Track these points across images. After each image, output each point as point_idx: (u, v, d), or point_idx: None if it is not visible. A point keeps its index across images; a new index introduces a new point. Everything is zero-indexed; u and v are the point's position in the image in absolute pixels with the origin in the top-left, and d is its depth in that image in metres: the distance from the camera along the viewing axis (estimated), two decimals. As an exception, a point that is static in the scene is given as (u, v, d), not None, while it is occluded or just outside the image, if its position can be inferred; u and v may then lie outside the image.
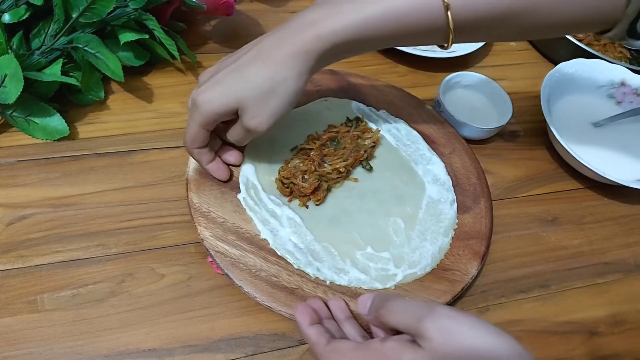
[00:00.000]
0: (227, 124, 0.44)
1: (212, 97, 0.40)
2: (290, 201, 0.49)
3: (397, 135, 0.56)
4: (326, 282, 0.45)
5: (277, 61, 0.39)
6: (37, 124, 0.51)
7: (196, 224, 0.45)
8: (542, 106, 0.60)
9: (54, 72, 0.51)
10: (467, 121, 0.59)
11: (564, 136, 0.59)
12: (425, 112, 0.60)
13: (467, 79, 0.64)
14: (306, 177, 0.48)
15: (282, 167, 0.49)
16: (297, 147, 0.51)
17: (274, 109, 0.40)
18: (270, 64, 0.39)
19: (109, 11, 0.51)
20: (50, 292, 0.44)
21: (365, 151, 0.52)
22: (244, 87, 0.40)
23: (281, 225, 0.46)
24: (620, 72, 0.68)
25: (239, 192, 0.48)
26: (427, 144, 0.56)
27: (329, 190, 0.50)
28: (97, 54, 0.52)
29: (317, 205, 0.49)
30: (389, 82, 0.62)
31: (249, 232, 0.46)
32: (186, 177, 0.47)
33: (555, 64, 0.69)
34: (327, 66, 0.43)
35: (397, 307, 0.35)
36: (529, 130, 0.67)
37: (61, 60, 0.52)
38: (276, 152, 0.51)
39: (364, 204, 0.50)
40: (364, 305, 0.39)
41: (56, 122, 0.52)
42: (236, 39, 0.68)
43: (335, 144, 0.51)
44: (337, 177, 0.49)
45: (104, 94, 0.56)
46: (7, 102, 0.48)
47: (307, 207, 0.48)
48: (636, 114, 0.65)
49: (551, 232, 0.57)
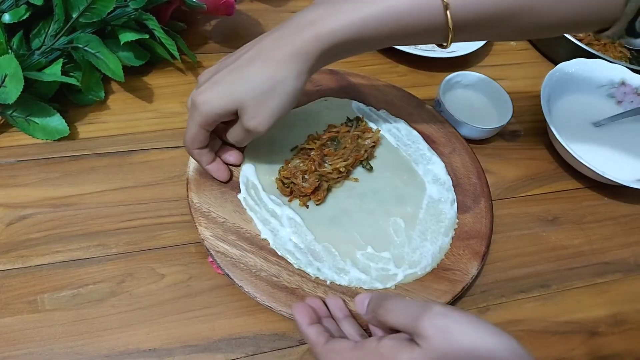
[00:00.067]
0: (227, 124, 0.44)
1: (212, 97, 0.40)
2: (290, 201, 0.49)
3: (397, 135, 0.56)
4: (326, 282, 0.45)
5: (276, 61, 0.39)
6: (37, 124, 0.51)
7: (196, 224, 0.45)
8: (542, 106, 0.60)
9: (54, 72, 0.51)
10: (467, 121, 0.59)
11: (564, 136, 0.59)
12: (425, 111, 0.60)
13: (467, 78, 0.64)
14: (306, 177, 0.48)
15: (283, 167, 0.49)
16: (297, 147, 0.51)
17: (273, 109, 0.40)
18: (269, 64, 0.39)
19: (109, 11, 0.51)
20: (50, 292, 0.44)
21: (365, 151, 0.52)
22: (243, 87, 0.40)
23: (281, 225, 0.46)
24: (620, 71, 0.68)
25: (239, 192, 0.48)
26: (428, 143, 0.56)
27: (329, 190, 0.50)
28: (97, 54, 0.52)
29: (317, 205, 0.49)
30: (389, 82, 0.62)
31: (250, 232, 0.46)
32: (186, 177, 0.47)
33: (555, 63, 0.69)
34: (327, 66, 0.43)
35: (395, 306, 0.35)
36: (529, 130, 0.67)
37: (61, 60, 0.52)
38: (276, 152, 0.51)
39: (364, 203, 0.50)
40: (362, 304, 0.39)
41: (56, 122, 0.52)
42: (236, 38, 0.68)
43: (335, 143, 0.51)
44: (338, 177, 0.49)
45: (104, 94, 0.56)
46: (7, 102, 0.48)
47: (307, 207, 0.48)
48: (636, 114, 0.65)
49: (551, 231, 0.57)
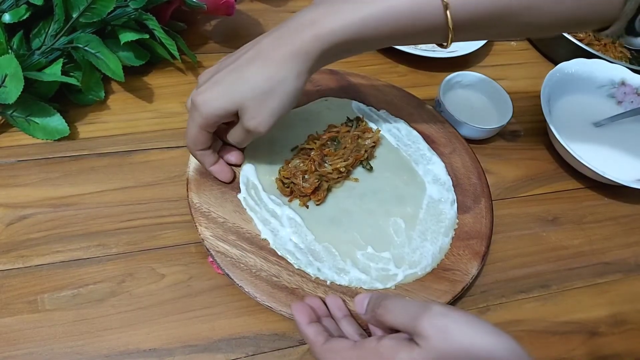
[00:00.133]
0: (227, 125, 0.44)
1: (211, 98, 0.40)
2: (290, 201, 0.48)
3: (397, 135, 0.56)
4: (327, 282, 0.45)
5: (276, 61, 0.39)
6: (37, 123, 0.51)
7: (196, 224, 0.45)
8: (542, 106, 0.60)
9: (54, 72, 0.51)
10: (467, 121, 0.59)
11: (565, 136, 0.59)
12: (425, 112, 0.60)
13: (467, 78, 0.64)
14: (306, 177, 0.48)
15: (283, 167, 0.49)
16: (297, 147, 0.51)
17: (273, 110, 0.40)
18: (269, 64, 0.39)
19: (109, 11, 0.51)
20: (50, 292, 0.44)
21: (365, 151, 0.52)
22: (243, 87, 0.39)
23: (282, 225, 0.46)
24: (620, 71, 0.68)
25: (240, 192, 0.48)
26: (428, 143, 0.56)
27: (329, 190, 0.50)
28: (97, 54, 0.52)
29: (317, 205, 0.49)
30: (389, 82, 0.62)
31: (250, 232, 0.46)
32: (186, 177, 0.47)
33: (555, 63, 0.69)
34: (327, 66, 0.43)
35: (394, 306, 0.35)
36: (530, 130, 0.67)
37: (61, 60, 0.52)
38: (276, 152, 0.51)
39: (364, 204, 0.50)
40: (361, 304, 0.39)
41: (56, 122, 0.52)
42: (236, 38, 0.68)
43: (335, 143, 0.51)
44: (338, 177, 0.49)
45: (104, 94, 0.56)
46: (8, 102, 0.48)
47: (307, 207, 0.48)
48: (637, 114, 0.65)
49: (551, 232, 0.57)
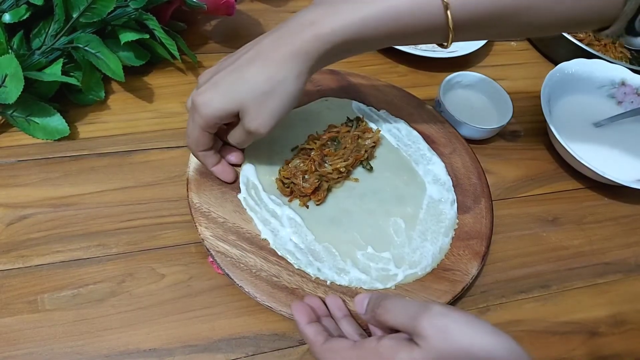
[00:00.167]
0: (228, 126, 0.44)
1: (212, 99, 0.40)
2: (290, 201, 0.48)
3: (397, 135, 0.56)
4: (327, 282, 0.45)
5: (276, 61, 0.39)
6: (37, 123, 0.51)
7: (196, 224, 0.45)
8: (542, 106, 0.60)
9: (54, 72, 0.51)
10: (467, 121, 0.59)
11: (565, 136, 0.59)
12: (425, 112, 0.60)
13: (467, 78, 0.64)
14: (307, 177, 0.48)
15: (283, 167, 0.49)
16: (297, 147, 0.51)
17: (274, 110, 0.40)
18: (269, 64, 0.39)
19: (109, 11, 0.51)
20: (50, 292, 0.44)
21: (365, 151, 0.52)
22: (243, 88, 0.39)
23: (282, 225, 0.46)
24: (620, 72, 0.68)
25: (240, 192, 0.48)
26: (428, 144, 0.56)
27: (329, 190, 0.50)
28: (97, 54, 0.52)
29: (317, 205, 0.49)
30: (389, 82, 0.62)
31: (250, 232, 0.46)
32: (186, 177, 0.47)
33: (555, 64, 0.69)
34: (327, 66, 0.43)
35: (394, 306, 0.35)
36: (530, 130, 0.67)
37: (62, 60, 0.52)
38: (276, 152, 0.51)
39: (364, 204, 0.50)
40: (361, 304, 0.39)
41: (56, 122, 0.52)
42: (237, 38, 0.68)
43: (335, 144, 0.51)
44: (338, 177, 0.49)
45: (104, 94, 0.56)
46: (8, 102, 0.48)
47: (307, 207, 0.48)
48: (637, 114, 0.65)
49: (552, 232, 0.57)
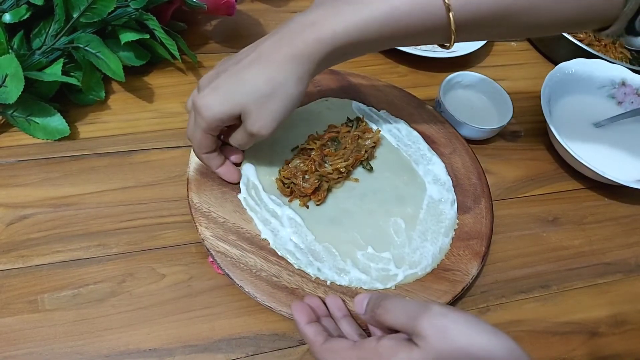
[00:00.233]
0: (229, 127, 0.44)
1: (214, 102, 0.40)
2: (290, 201, 0.48)
3: (397, 135, 0.56)
4: (327, 282, 0.45)
5: (277, 63, 0.39)
6: (37, 123, 0.51)
7: (197, 224, 0.45)
8: (542, 106, 0.60)
9: (54, 72, 0.51)
10: (467, 121, 0.59)
11: (565, 136, 0.59)
12: (425, 112, 0.60)
13: (467, 79, 0.64)
14: (307, 177, 0.48)
15: (283, 167, 0.49)
16: (297, 147, 0.51)
17: (275, 113, 0.40)
18: (270, 66, 0.39)
19: (109, 11, 0.51)
20: (50, 292, 0.44)
21: (365, 151, 0.52)
22: (244, 91, 0.39)
23: (282, 225, 0.46)
24: (620, 72, 0.68)
25: (240, 192, 0.48)
26: (428, 144, 0.56)
27: (329, 190, 0.50)
28: (97, 54, 0.52)
29: (317, 205, 0.49)
30: (389, 82, 0.62)
31: (250, 232, 0.46)
32: (187, 177, 0.47)
33: (555, 64, 0.68)
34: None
35: (393, 306, 0.35)
36: (530, 130, 0.67)
37: (62, 60, 0.52)
38: (277, 152, 0.51)
39: (364, 204, 0.50)
40: (361, 304, 0.39)
41: (57, 122, 0.52)
42: (237, 39, 0.68)
43: (335, 144, 0.51)
44: (338, 177, 0.49)
45: (104, 94, 0.56)
46: (8, 102, 0.48)
47: (307, 207, 0.48)
48: (637, 114, 0.65)
49: (552, 232, 0.57)
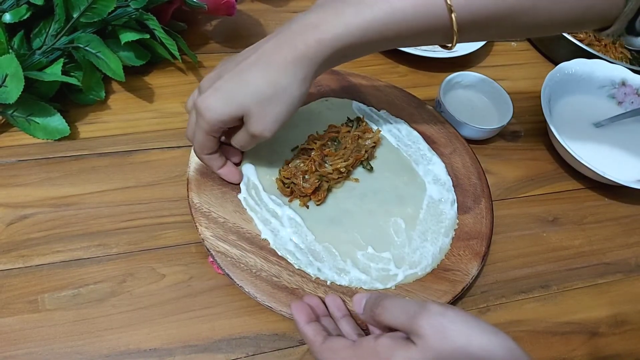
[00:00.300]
0: (230, 128, 0.44)
1: (216, 104, 0.39)
2: (291, 201, 0.48)
3: (397, 135, 0.56)
4: (327, 282, 0.45)
5: (278, 65, 0.39)
6: (37, 123, 0.51)
7: (197, 224, 0.45)
8: (542, 106, 0.60)
9: (54, 72, 0.51)
10: (467, 121, 0.59)
11: (565, 136, 0.59)
12: (425, 112, 0.60)
13: (467, 79, 0.64)
14: (307, 177, 0.48)
15: (283, 167, 0.49)
16: (297, 147, 0.51)
17: (278, 115, 0.40)
18: (271, 68, 0.39)
19: (110, 11, 0.51)
20: (51, 292, 0.44)
21: (365, 151, 0.52)
22: (246, 92, 0.39)
23: (282, 225, 0.46)
24: (621, 72, 0.68)
25: (240, 192, 0.48)
26: (428, 144, 0.56)
27: (329, 190, 0.50)
28: (98, 54, 0.52)
29: (317, 205, 0.49)
30: (389, 82, 0.62)
31: (250, 232, 0.46)
32: (187, 177, 0.47)
33: (556, 64, 0.69)
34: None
35: (391, 305, 0.35)
36: (530, 130, 0.67)
37: (62, 60, 0.52)
38: (277, 152, 0.51)
39: (364, 204, 0.50)
40: (359, 304, 0.39)
41: (57, 121, 0.52)
42: (237, 38, 0.68)
43: (336, 144, 0.51)
44: (338, 177, 0.49)
45: (104, 94, 0.56)
46: (8, 102, 0.48)
47: (307, 207, 0.48)
48: (637, 114, 0.65)
49: (552, 232, 0.57)
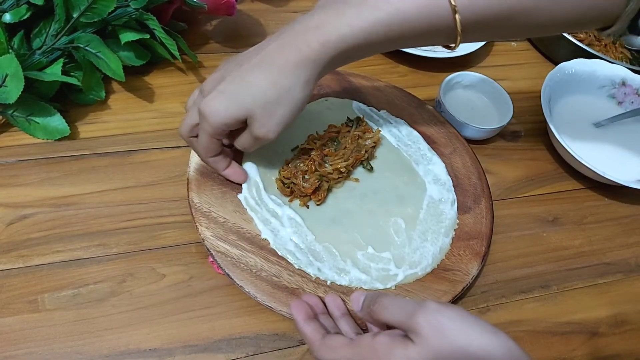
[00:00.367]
0: (233, 130, 0.44)
1: (219, 107, 0.39)
2: (291, 201, 0.48)
3: (397, 135, 0.56)
4: (327, 282, 0.45)
5: (281, 67, 0.38)
6: (38, 123, 0.51)
7: (197, 224, 0.45)
8: (542, 106, 0.60)
9: (54, 72, 0.51)
10: (467, 121, 0.59)
11: (565, 136, 0.59)
12: (426, 112, 0.60)
13: (467, 79, 0.64)
14: (307, 177, 0.48)
15: (283, 167, 0.49)
16: (297, 147, 0.51)
17: (281, 118, 0.40)
18: (274, 71, 0.39)
19: (110, 11, 0.51)
20: (50, 292, 0.44)
21: (366, 151, 0.52)
22: (250, 95, 0.39)
23: (282, 225, 0.46)
24: (621, 72, 0.68)
25: (240, 192, 0.48)
26: (428, 144, 0.56)
27: (329, 190, 0.50)
28: (98, 54, 0.52)
29: (317, 205, 0.49)
30: (389, 82, 0.62)
31: (250, 232, 0.46)
32: (187, 177, 0.47)
33: (556, 64, 0.68)
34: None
35: (389, 303, 0.35)
36: (530, 130, 0.67)
37: (62, 60, 0.52)
38: (277, 152, 0.51)
39: (364, 204, 0.50)
40: (357, 301, 0.39)
41: (57, 121, 0.52)
42: (237, 38, 0.68)
43: (336, 144, 0.51)
44: (338, 177, 0.49)
45: (104, 94, 0.56)
46: (8, 102, 0.48)
47: (307, 207, 0.48)
48: (637, 114, 0.65)
49: (552, 232, 0.57)
